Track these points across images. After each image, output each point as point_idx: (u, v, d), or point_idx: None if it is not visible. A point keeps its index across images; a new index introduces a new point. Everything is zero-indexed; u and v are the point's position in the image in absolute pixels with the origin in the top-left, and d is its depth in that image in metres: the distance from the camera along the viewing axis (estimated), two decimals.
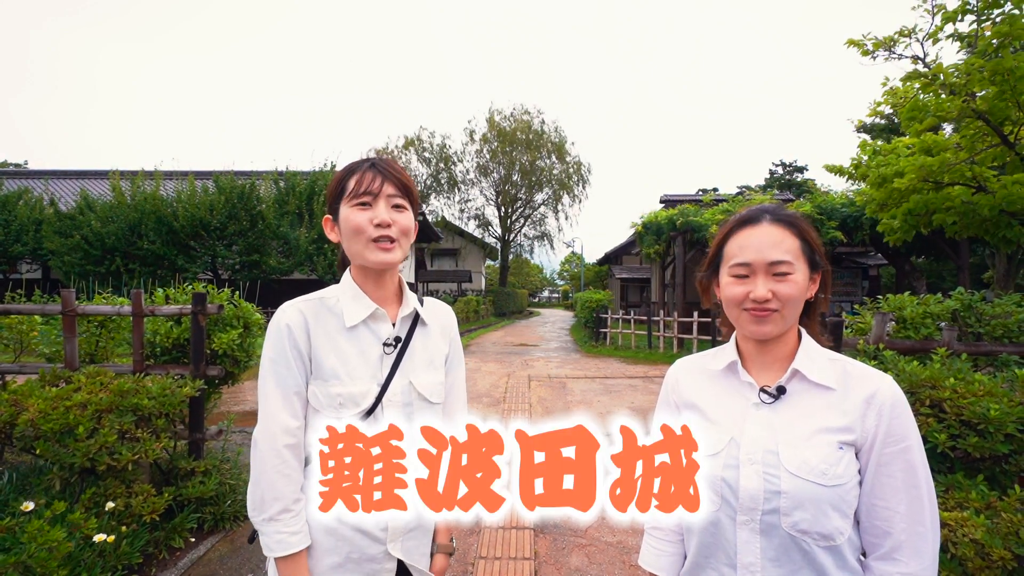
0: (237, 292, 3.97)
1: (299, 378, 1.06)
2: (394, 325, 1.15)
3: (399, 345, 1.13)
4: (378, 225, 1.06)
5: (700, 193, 24.35)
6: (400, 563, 1.12)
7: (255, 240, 12.41)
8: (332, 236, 1.15)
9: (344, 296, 1.12)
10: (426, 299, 1.25)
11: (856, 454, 0.90)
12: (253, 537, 1.21)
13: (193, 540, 2.98)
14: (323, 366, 1.07)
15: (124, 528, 2.56)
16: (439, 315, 1.26)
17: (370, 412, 1.07)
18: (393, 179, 1.09)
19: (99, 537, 2.33)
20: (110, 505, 2.55)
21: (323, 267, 13.03)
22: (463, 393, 1.33)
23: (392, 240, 1.08)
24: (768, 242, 0.92)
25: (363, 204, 1.07)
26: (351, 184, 1.08)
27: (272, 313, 1.12)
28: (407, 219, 1.11)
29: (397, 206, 1.09)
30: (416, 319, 1.18)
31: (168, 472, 3.24)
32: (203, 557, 2.90)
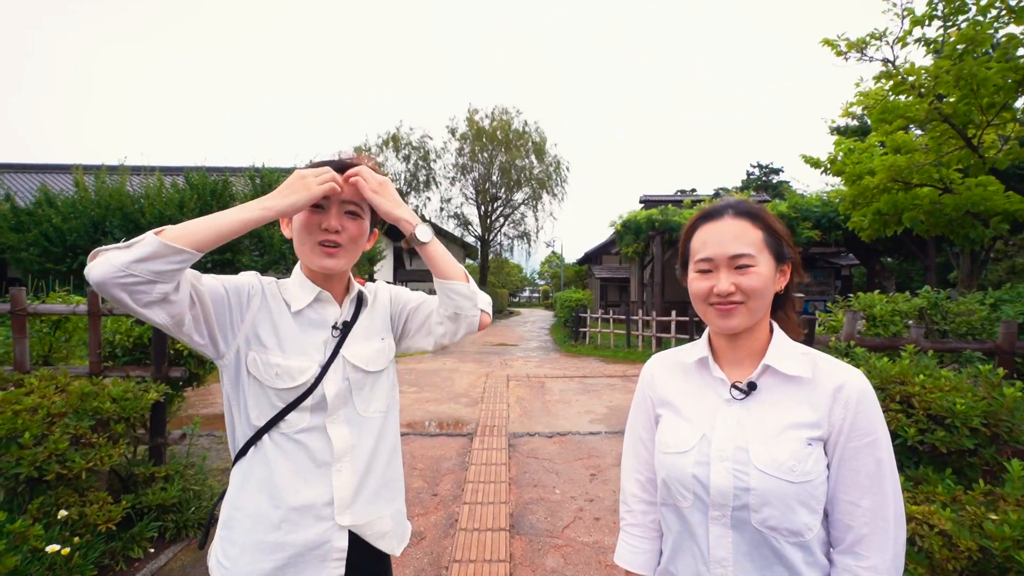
0: None
1: (225, 291, 1.04)
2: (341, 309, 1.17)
3: (345, 328, 1.15)
4: (325, 230, 1.06)
5: (679, 194, 24.68)
6: (353, 551, 1.09)
7: None
8: (286, 232, 1.15)
9: (292, 284, 1.14)
10: (368, 284, 1.28)
11: (824, 448, 0.89)
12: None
13: (153, 550, 2.85)
14: (261, 337, 1.07)
15: (77, 539, 2.42)
16: (379, 292, 1.28)
17: (310, 390, 1.06)
18: (350, 184, 1.08)
19: (51, 548, 2.20)
20: (63, 513, 2.41)
21: None
22: (428, 300, 1.33)
23: (337, 246, 1.08)
24: (729, 236, 0.92)
25: (316, 207, 1.07)
26: None
27: None
28: (359, 227, 1.11)
29: (351, 213, 1.10)
30: (360, 301, 1.20)
31: (127, 479, 3.10)
32: (164, 567, 2.77)
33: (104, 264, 0.83)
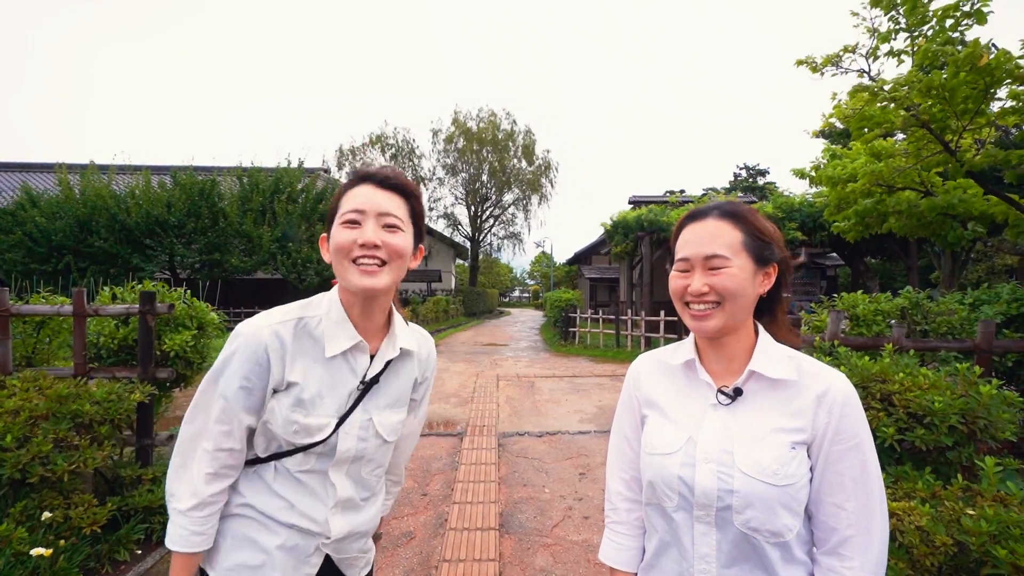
0: (190, 292, 3.81)
1: (255, 412, 1.01)
2: (372, 357, 1.07)
3: (370, 382, 1.08)
4: (362, 245, 0.97)
5: (667, 194, 24.79)
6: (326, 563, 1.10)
7: (216, 238, 11.96)
8: (325, 256, 1.04)
9: (328, 319, 1.03)
10: (411, 328, 1.18)
11: (808, 451, 0.91)
12: None
13: (140, 552, 2.83)
14: (290, 391, 1.00)
15: (62, 542, 2.40)
16: (419, 347, 1.18)
17: (323, 440, 1.03)
18: (388, 194, 1.01)
19: (36, 551, 2.17)
20: (47, 515, 2.38)
21: (287, 266, 12.69)
22: (414, 441, 1.30)
23: (380, 263, 0.98)
24: (707, 236, 0.94)
25: (351, 223, 0.98)
26: (344, 202, 1.00)
27: (234, 313, 1.06)
28: (401, 240, 1.01)
29: (390, 226, 1.00)
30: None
31: (113, 481, 3.07)
32: (151, 569, 2.75)
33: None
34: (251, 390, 0.98)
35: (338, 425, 1.02)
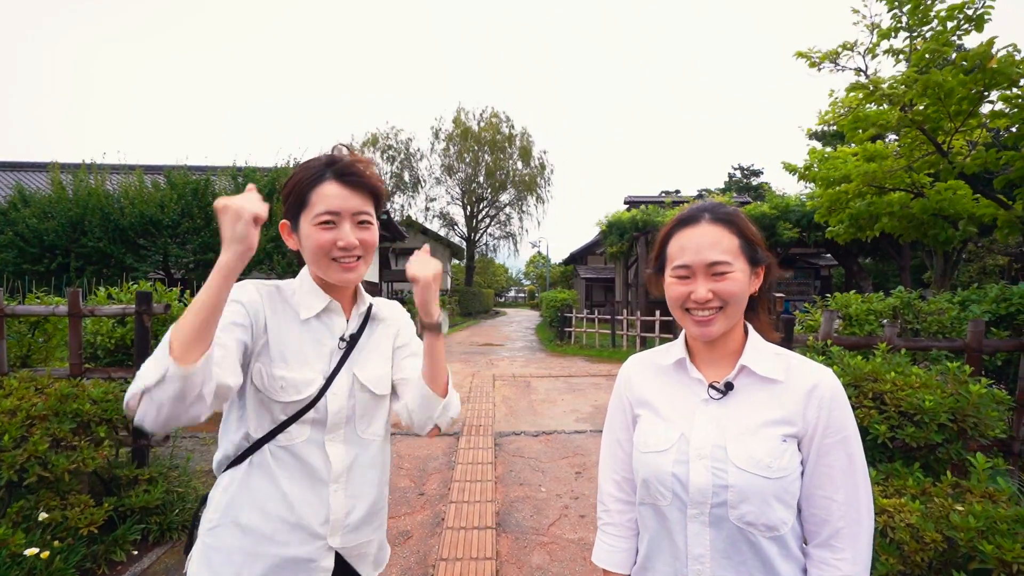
0: (188, 292, 3.80)
1: (246, 335, 1.01)
2: (347, 321, 1.15)
3: (351, 340, 1.13)
4: (343, 248, 1.04)
5: (663, 195, 24.94)
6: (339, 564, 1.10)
7: (210, 238, 11.90)
8: (290, 244, 1.09)
9: (301, 290, 1.11)
10: (377, 299, 1.25)
11: (798, 445, 0.93)
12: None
13: (136, 553, 2.83)
14: (271, 349, 1.05)
15: (57, 543, 2.40)
16: (391, 313, 1.26)
17: (314, 403, 1.05)
18: (359, 193, 1.06)
19: (30, 551, 2.17)
20: (43, 516, 2.38)
21: (282, 266, 12.65)
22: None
23: (356, 258, 1.07)
24: (707, 243, 0.94)
25: (327, 224, 1.03)
26: (314, 199, 1.03)
27: None
28: (372, 235, 1.09)
29: (363, 222, 1.07)
30: (367, 315, 1.19)
31: (109, 481, 3.07)
32: (147, 570, 2.75)
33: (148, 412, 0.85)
34: (244, 325, 1.00)
35: (326, 386, 1.06)
